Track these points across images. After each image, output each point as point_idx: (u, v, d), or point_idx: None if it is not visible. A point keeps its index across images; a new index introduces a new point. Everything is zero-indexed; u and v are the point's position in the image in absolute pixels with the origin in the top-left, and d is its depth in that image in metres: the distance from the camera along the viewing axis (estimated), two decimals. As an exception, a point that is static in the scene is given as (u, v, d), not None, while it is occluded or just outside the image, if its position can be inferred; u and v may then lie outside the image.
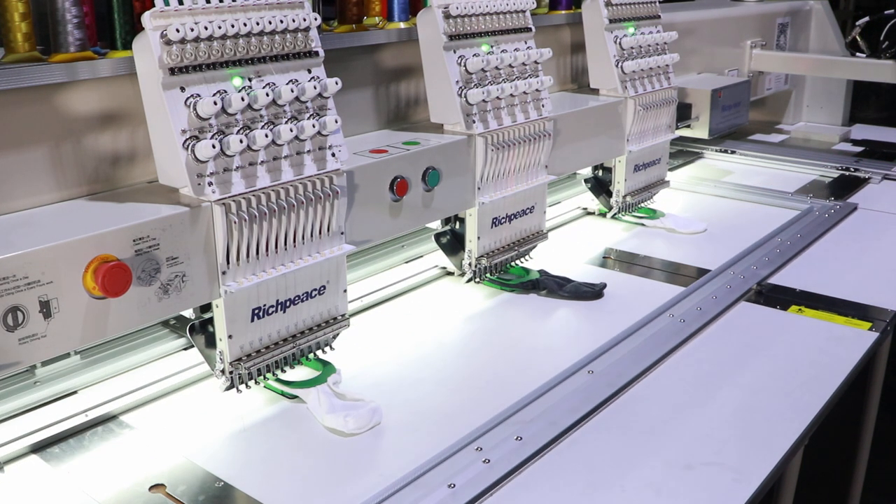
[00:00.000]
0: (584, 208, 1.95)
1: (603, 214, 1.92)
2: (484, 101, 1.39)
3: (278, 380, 1.16)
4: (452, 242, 1.51)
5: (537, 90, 1.49)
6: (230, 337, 1.06)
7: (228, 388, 1.09)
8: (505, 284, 1.53)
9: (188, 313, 1.09)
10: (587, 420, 1.08)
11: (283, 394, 1.16)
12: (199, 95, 1.00)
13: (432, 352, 1.30)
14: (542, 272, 1.54)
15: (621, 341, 1.28)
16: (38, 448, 1.04)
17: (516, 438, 1.03)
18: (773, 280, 1.54)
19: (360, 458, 1.03)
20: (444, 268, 1.57)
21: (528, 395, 1.12)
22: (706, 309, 1.40)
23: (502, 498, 0.94)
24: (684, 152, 2.48)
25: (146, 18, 0.96)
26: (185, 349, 1.23)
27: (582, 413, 1.09)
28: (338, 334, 1.20)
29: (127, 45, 1.07)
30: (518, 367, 1.26)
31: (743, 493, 0.94)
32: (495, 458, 0.99)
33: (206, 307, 1.07)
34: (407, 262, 1.59)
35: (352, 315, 1.36)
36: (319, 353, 1.19)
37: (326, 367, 1.18)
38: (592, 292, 1.49)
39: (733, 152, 2.49)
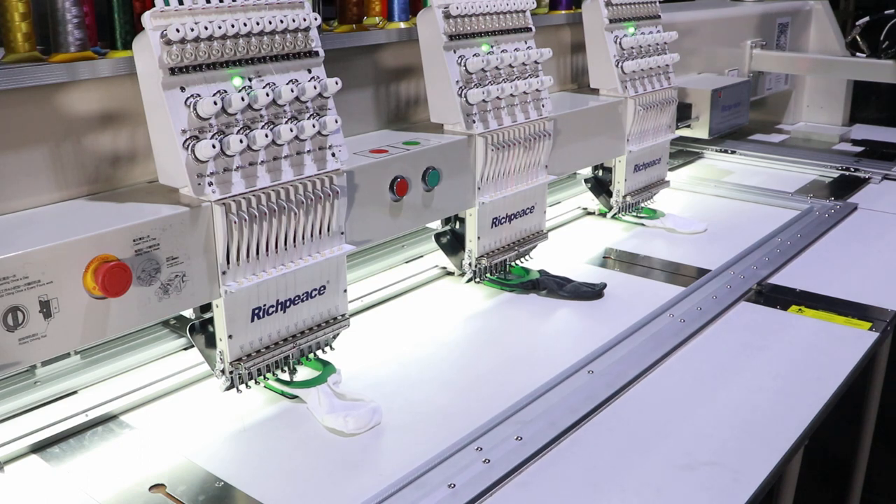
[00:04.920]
0: (585, 208, 1.95)
1: (603, 214, 1.92)
2: (484, 101, 1.39)
3: (278, 380, 1.16)
4: (452, 242, 1.51)
5: (537, 90, 1.49)
6: (230, 337, 1.06)
7: (228, 388, 1.09)
8: (505, 284, 1.53)
9: (188, 313, 1.09)
10: (587, 420, 1.08)
11: (283, 394, 1.16)
12: (199, 95, 1.00)
13: (432, 352, 1.30)
14: (542, 272, 1.54)
15: (621, 341, 1.28)
16: (39, 448, 1.04)
17: (516, 438, 1.03)
18: (774, 280, 1.54)
19: (361, 459, 1.03)
20: (444, 268, 1.57)
21: (528, 395, 1.12)
22: (706, 309, 1.40)
23: (502, 498, 0.94)
24: (684, 152, 2.48)
25: (146, 18, 0.96)
26: (185, 349, 1.23)
27: (582, 413, 1.09)
28: (338, 334, 1.20)
29: (127, 45, 1.07)
30: (518, 366, 1.26)
31: (743, 493, 0.94)
32: (495, 458, 0.99)
33: (206, 307, 1.07)
34: (407, 262, 1.59)
35: (352, 315, 1.36)
36: (319, 353, 1.19)
37: (326, 367, 1.18)
38: (592, 292, 1.49)
39: (733, 152, 2.49)
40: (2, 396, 1.07)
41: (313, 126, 1.08)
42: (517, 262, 1.57)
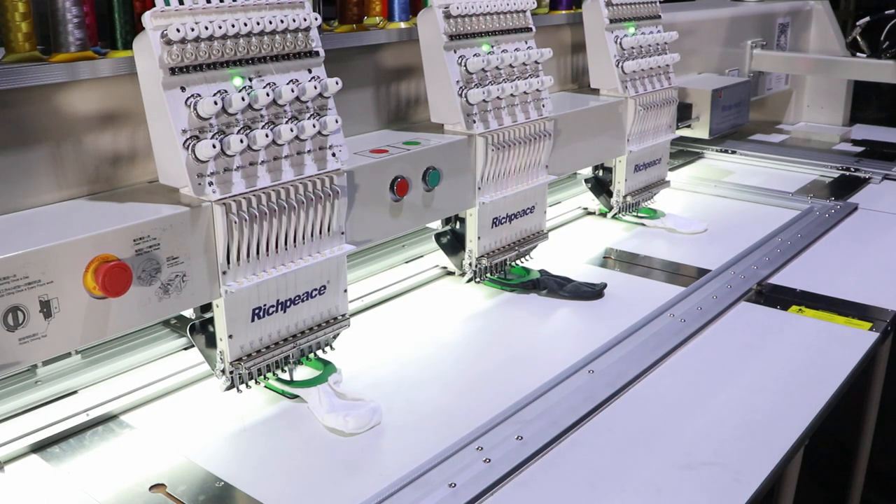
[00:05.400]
0: (585, 208, 1.95)
1: (603, 214, 1.92)
2: (484, 101, 1.39)
3: (279, 379, 1.16)
4: (453, 242, 1.51)
5: (538, 90, 1.49)
6: (230, 337, 1.06)
7: (229, 388, 1.09)
8: (505, 284, 1.53)
9: (189, 313, 1.09)
10: (588, 420, 1.08)
11: (283, 393, 1.16)
12: (199, 95, 1.00)
13: (433, 352, 1.30)
14: (542, 272, 1.54)
15: (622, 341, 1.28)
16: (39, 448, 1.04)
17: (517, 438, 1.03)
18: (774, 280, 1.54)
19: (361, 458, 1.03)
20: (445, 267, 1.57)
21: (528, 394, 1.12)
22: (706, 309, 1.40)
23: (503, 497, 0.94)
24: (685, 152, 2.48)
25: (147, 18, 0.96)
26: (185, 349, 1.23)
27: (582, 413, 1.09)
28: (338, 334, 1.20)
29: (127, 45, 1.07)
30: (518, 366, 1.26)
31: (743, 493, 0.94)
32: (496, 458, 0.99)
33: (207, 307, 1.07)
34: (407, 262, 1.59)
35: (352, 315, 1.36)
36: (320, 352, 1.19)
37: (327, 367, 1.18)
38: (593, 292, 1.49)
39: (734, 152, 2.49)
40: (3, 396, 1.07)
41: (314, 126, 1.08)
42: (517, 262, 1.57)
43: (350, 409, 1.09)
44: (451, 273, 1.57)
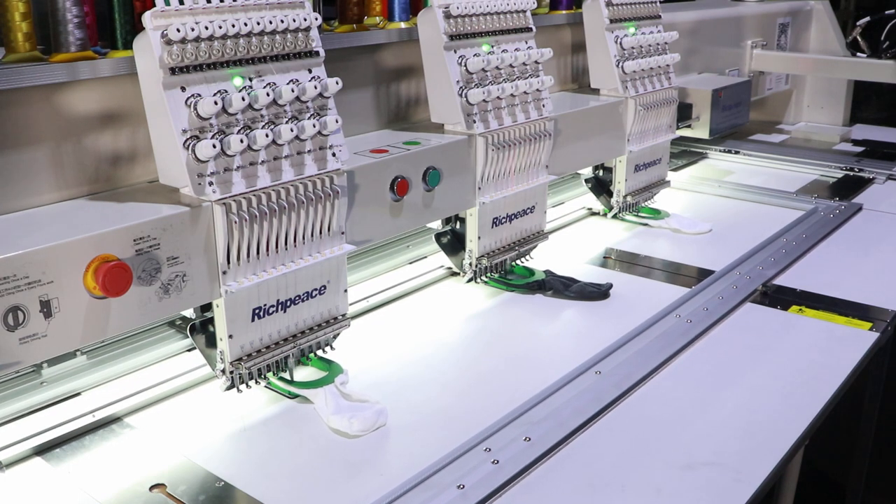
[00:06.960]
0: (589, 208, 1.95)
1: (604, 214, 1.92)
2: (484, 100, 1.39)
3: (282, 378, 1.15)
4: (453, 242, 1.50)
5: (538, 90, 1.49)
6: (230, 337, 1.06)
7: (229, 388, 1.09)
8: (509, 285, 1.52)
9: (189, 313, 1.09)
10: (595, 421, 1.08)
11: (286, 392, 1.16)
12: (199, 95, 0.99)
13: (437, 352, 1.30)
14: (547, 272, 1.54)
15: (628, 342, 1.28)
16: (40, 448, 1.03)
17: (525, 439, 1.02)
18: (779, 281, 1.54)
19: (365, 459, 1.03)
20: (450, 268, 1.57)
21: (536, 395, 1.12)
22: (712, 309, 1.39)
23: (512, 498, 0.94)
24: (687, 152, 2.47)
25: (147, 18, 0.96)
26: (189, 350, 1.23)
27: (590, 414, 1.08)
28: (338, 334, 1.20)
29: (128, 45, 1.07)
30: (525, 367, 1.26)
31: (743, 493, 0.94)
32: (504, 459, 0.98)
33: (207, 307, 1.07)
34: (411, 263, 1.59)
35: (356, 316, 1.36)
36: (320, 352, 1.19)
37: (333, 368, 1.18)
38: (598, 293, 1.49)
39: (737, 152, 2.49)
40: (8, 397, 1.06)
41: (314, 126, 1.08)
42: (518, 262, 1.56)
43: (356, 410, 1.09)
44: (455, 273, 1.56)
